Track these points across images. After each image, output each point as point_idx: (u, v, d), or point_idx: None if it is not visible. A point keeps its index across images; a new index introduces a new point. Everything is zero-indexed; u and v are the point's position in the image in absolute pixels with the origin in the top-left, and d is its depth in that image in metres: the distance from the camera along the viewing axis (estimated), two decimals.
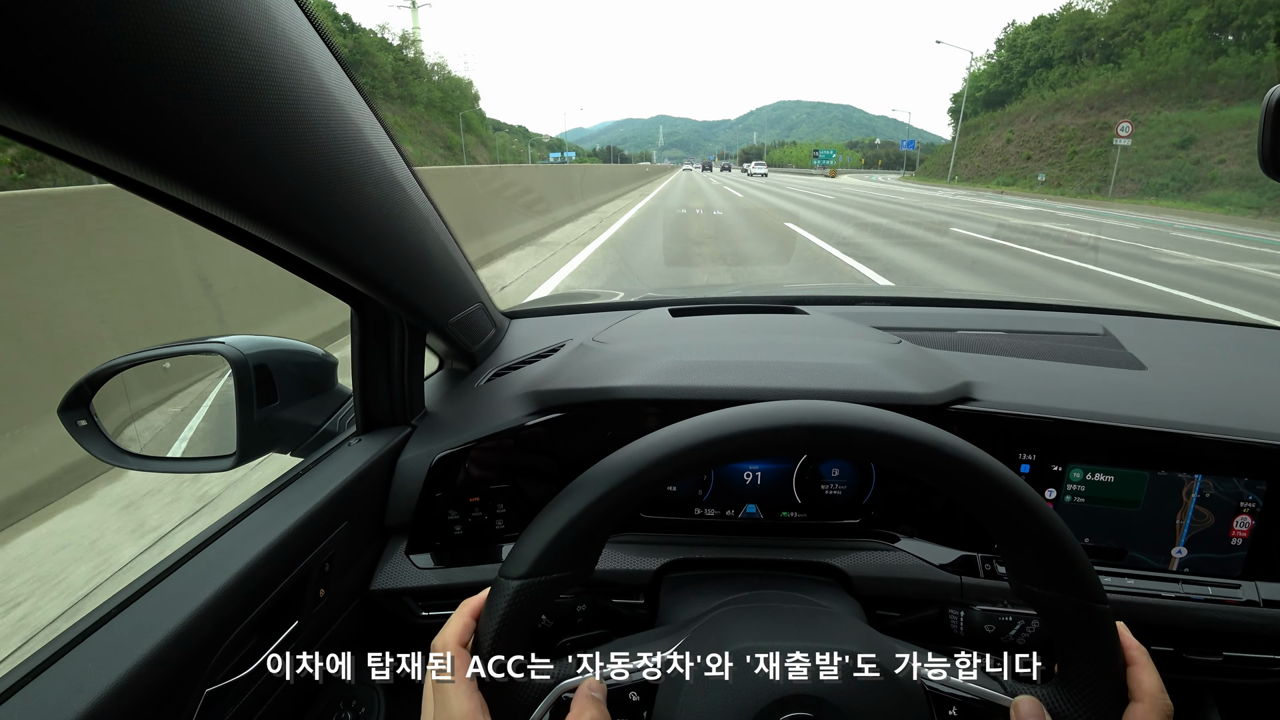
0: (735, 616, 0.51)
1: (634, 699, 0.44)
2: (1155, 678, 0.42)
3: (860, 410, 0.43)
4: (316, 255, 0.51)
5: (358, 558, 0.73)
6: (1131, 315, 1.21)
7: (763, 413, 0.43)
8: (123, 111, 0.31)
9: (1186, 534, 0.74)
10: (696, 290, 1.41)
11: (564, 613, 0.72)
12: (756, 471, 0.79)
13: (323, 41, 0.46)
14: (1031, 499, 0.42)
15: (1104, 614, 0.42)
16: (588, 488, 0.43)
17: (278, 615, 0.58)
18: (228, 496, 2.35)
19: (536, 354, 0.97)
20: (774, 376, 0.76)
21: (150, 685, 0.43)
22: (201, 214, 0.42)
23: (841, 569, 0.75)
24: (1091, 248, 10.29)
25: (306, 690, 0.68)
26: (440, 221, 0.71)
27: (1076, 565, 0.42)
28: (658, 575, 0.76)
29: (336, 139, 0.47)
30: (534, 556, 0.42)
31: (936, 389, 0.75)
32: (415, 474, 0.77)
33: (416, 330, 0.79)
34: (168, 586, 0.51)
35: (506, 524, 0.81)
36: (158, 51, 0.31)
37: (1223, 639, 0.73)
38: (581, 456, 0.74)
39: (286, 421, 0.78)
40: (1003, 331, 1.07)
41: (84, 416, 0.72)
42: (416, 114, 46.55)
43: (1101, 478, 0.74)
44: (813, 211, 16.02)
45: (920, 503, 0.79)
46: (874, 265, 7.41)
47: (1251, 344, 1.10)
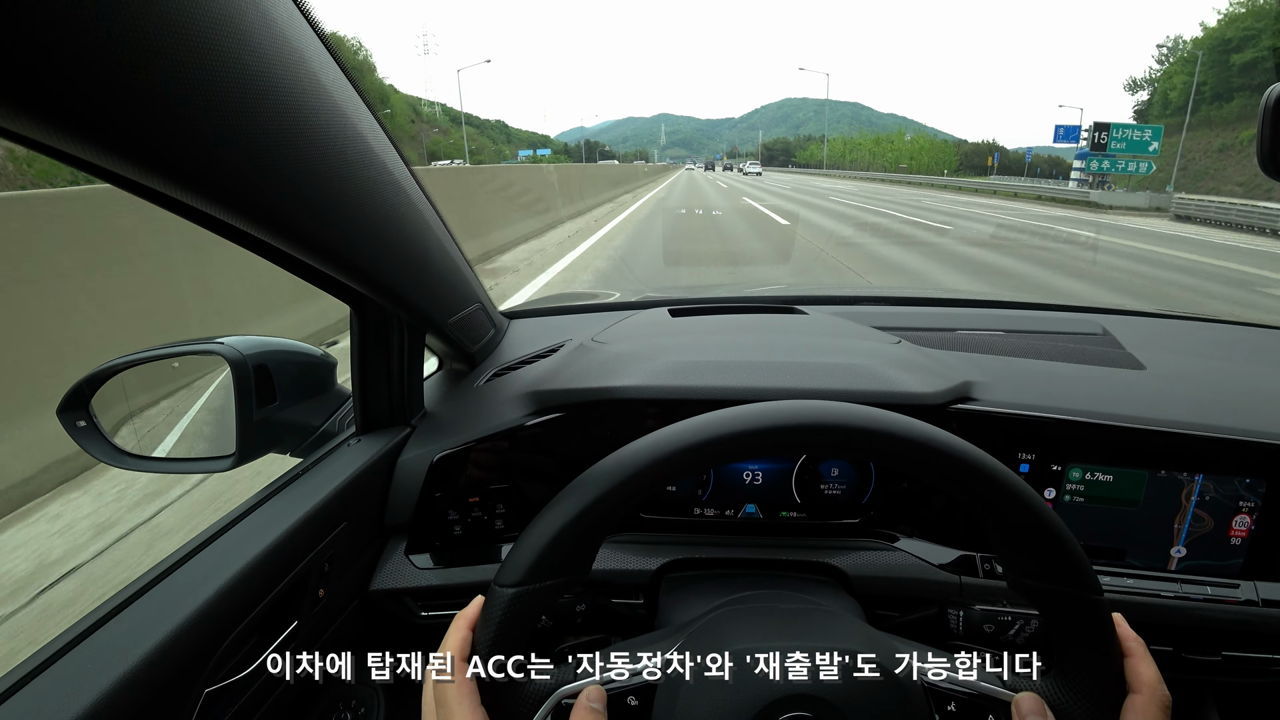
0: (735, 616, 0.51)
1: (632, 703, 0.44)
2: (1153, 669, 0.42)
3: (859, 410, 0.43)
4: (316, 255, 0.51)
5: (357, 558, 0.73)
6: (1131, 315, 1.21)
7: (761, 413, 0.43)
8: (122, 113, 0.31)
9: (1186, 534, 0.74)
10: (696, 290, 1.42)
11: (563, 613, 0.72)
12: (756, 471, 0.79)
13: (321, 42, 0.46)
14: (1026, 494, 0.42)
15: (1100, 605, 0.42)
16: (583, 491, 0.43)
17: (277, 615, 0.58)
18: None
19: (536, 354, 0.97)
20: (773, 376, 0.76)
21: (150, 685, 0.43)
22: (201, 214, 0.42)
23: (841, 569, 0.75)
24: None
25: (306, 690, 0.68)
26: (439, 221, 0.72)
27: (1072, 557, 0.42)
28: (657, 575, 0.76)
29: (335, 139, 0.47)
30: (528, 563, 0.41)
31: (936, 389, 0.75)
32: (415, 474, 0.77)
33: (416, 330, 0.79)
34: (167, 586, 0.51)
35: (506, 524, 0.81)
36: (157, 53, 0.31)
37: (1222, 639, 0.73)
38: (581, 456, 0.74)
39: (286, 422, 0.78)
40: (1002, 331, 1.07)
41: (83, 417, 0.72)
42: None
43: (1101, 477, 0.74)
44: None
45: (920, 502, 0.79)
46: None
47: (1251, 344, 1.11)
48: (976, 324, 1.10)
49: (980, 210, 20.62)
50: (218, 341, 0.74)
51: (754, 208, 17.91)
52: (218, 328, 3.46)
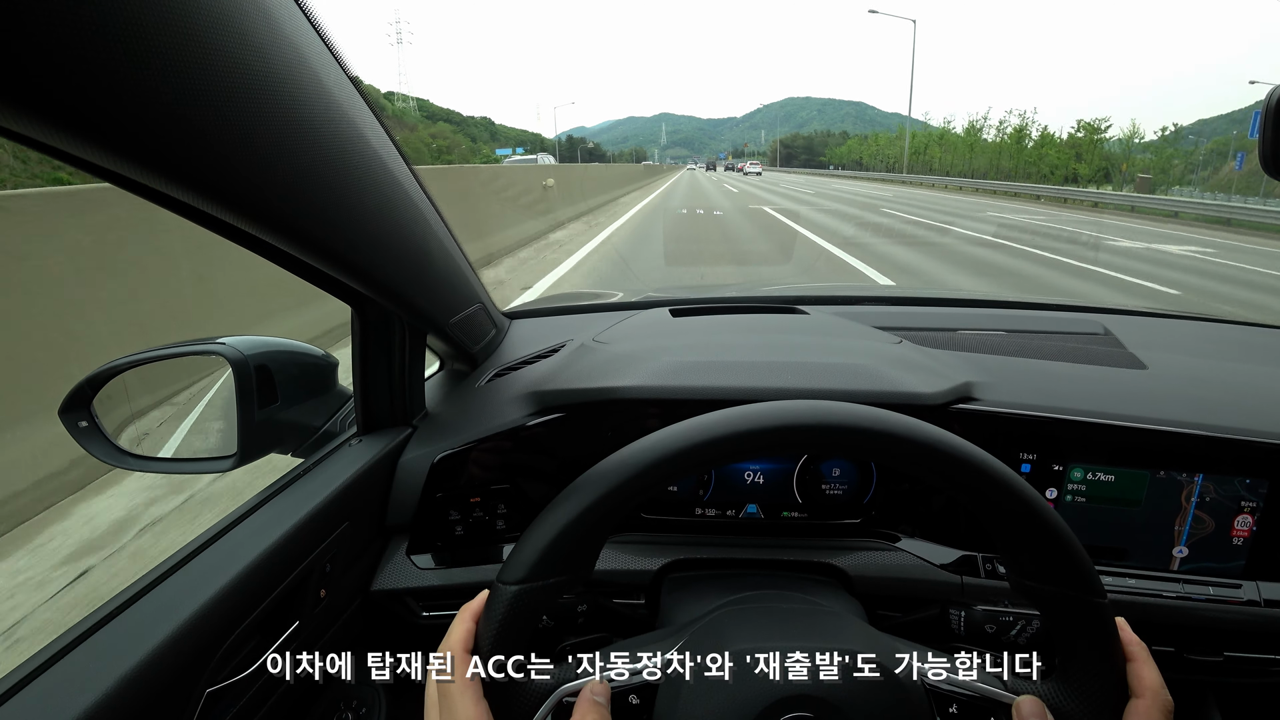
0: (736, 617, 0.51)
1: (634, 702, 0.44)
2: (1155, 673, 0.42)
3: (861, 410, 0.43)
4: (317, 256, 0.51)
5: (359, 558, 0.73)
6: (1132, 315, 1.21)
7: (763, 413, 0.43)
8: (122, 112, 0.31)
9: (1187, 534, 0.74)
10: (697, 290, 1.42)
11: (565, 613, 0.72)
12: (757, 471, 0.79)
13: (322, 42, 0.46)
14: (1029, 495, 0.42)
15: (1103, 608, 0.42)
16: (585, 490, 0.43)
17: (279, 615, 0.58)
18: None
19: (537, 354, 0.97)
20: (775, 376, 0.76)
21: (151, 685, 0.43)
22: (201, 214, 0.42)
23: (842, 569, 0.75)
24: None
25: (307, 690, 0.68)
26: (440, 221, 0.71)
27: (1075, 560, 0.42)
28: (658, 575, 0.76)
29: (337, 139, 0.47)
30: (531, 561, 0.42)
31: (937, 389, 0.75)
32: (416, 474, 0.77)
33: (417, 331, 0.79)
34: (169, 587, 0.51)
35: (507, 524, 0.81)
36: (157, 52, 0.31)
37: (1224, 639, 0.73)
38: (582, 457, 0.74)
39: (287, 422, 0.78)
40: (1004, 331, 1.06)
41: (85, 418, 0.72)
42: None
43: (1102, 477, 0.74)
44: None
45: (921, 502, 0.79)
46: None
47: (1252, 343, 1.10)
48: (978, 324, 1.10)
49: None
50: (219, 342, 0.74)
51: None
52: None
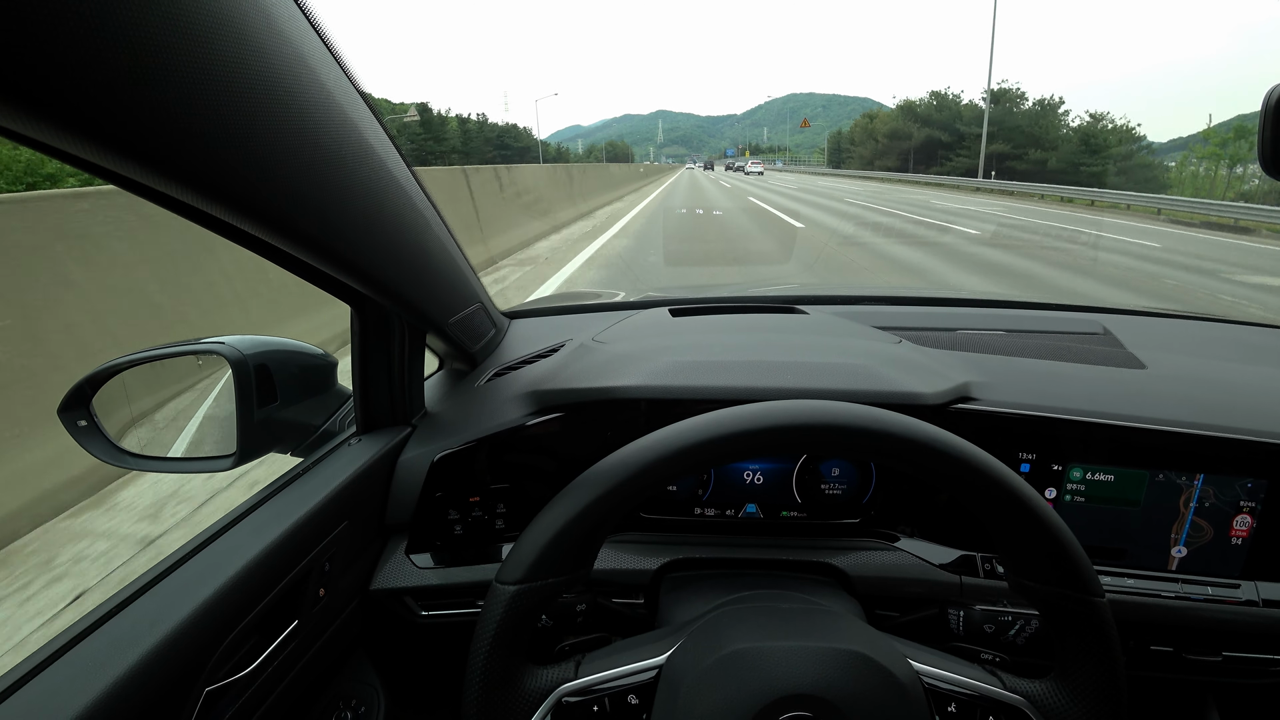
0: (735, 616, 0.51)
1: (633, 702, 0.44)
2: None
3: (861, 410, 0.43)
4: (316, 255, 0.51)
5: (358, 557, 0.73)
6: (1131, 314, 1.21)
7: (762, 413, 0.44)
8: (123, 112, 0.31)
9: (1186, 534, 0.74)
10: (697, 290, 1.41)
11: (564, 612, 0.72)
12: (757, 471, 0.79)
13: (321, 42, 0.46)
14: (1028, 495, 0.42)
15: (1101, 607, 0.42)
16: (584, 490, 0.43)
17: (278, 614, 0.58)
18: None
19: (537, 354, 0.97)
20: (774, 376, 0.76)
21: (150, 684, 0.44)
22: (202, 215, 0.42)
23: (841, 568, 0.75)
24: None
25: (307, 689, 0.68)
26: (440, 221, 0.71)
27: (1073, 560, 0.42)
28: (658, 575, 0.76)
29: (336, 139, 0.47)
30: (530, 561, 0.42)
31: (937, 389, 0.75)
32: (415, 474, 0.77)
33: (416, 330, 0.79)
34: (168, 585, 0.51)
35: (507, 524, 0.81)
36: (158, 52, 0.31)
37: (1222, 639, 0.73)
38: (582, 456, 0.74)
39: (286, 421, 0.78)
40: (1003, 331, 1.06)
41: (84, 417, 0.72)
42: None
43: (1101, 477, 0.74)
44: None
45: (920, 502, 0.79)
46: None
47: (1251, 343, 1.10)
48: (977, 324, 1.10)
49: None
50: (218, 341, 0.74)
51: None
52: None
